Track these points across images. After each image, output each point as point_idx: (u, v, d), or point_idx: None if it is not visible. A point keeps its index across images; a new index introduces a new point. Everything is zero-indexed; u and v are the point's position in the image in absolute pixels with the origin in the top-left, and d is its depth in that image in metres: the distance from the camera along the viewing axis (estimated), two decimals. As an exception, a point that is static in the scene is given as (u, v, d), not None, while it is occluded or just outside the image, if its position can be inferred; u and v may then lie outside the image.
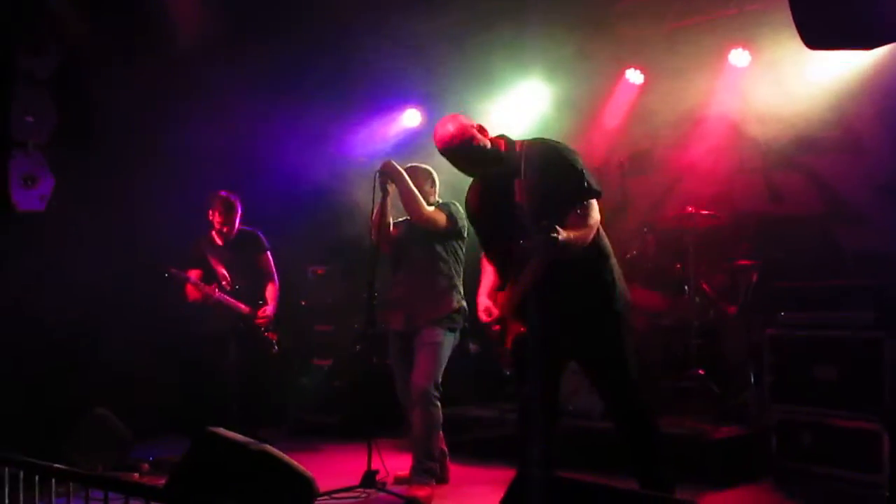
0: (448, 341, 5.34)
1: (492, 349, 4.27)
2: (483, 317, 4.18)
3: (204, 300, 6.20)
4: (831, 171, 6.95)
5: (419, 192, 5.31)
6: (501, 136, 4.23)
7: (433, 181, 5.56)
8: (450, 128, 4.14)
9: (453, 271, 5.46)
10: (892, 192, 6.43)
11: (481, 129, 4.17)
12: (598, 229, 4.02)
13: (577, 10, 7.25)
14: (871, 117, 6.63)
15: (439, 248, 5.42)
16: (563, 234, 3.64)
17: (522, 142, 4.16)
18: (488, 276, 4.31)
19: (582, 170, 3.95)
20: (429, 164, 5.56)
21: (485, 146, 4.13)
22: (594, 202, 3.96)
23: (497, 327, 4.11)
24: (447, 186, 5.63)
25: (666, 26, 7.49)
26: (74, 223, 6.67)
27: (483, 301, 4.22)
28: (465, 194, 4.48)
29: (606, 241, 4.14)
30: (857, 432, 4.97)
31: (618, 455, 4.16)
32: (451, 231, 5.39)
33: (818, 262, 6.64)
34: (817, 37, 3.07)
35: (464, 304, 5.44)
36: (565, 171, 3.94)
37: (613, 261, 4.13)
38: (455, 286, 5.45)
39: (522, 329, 3.98)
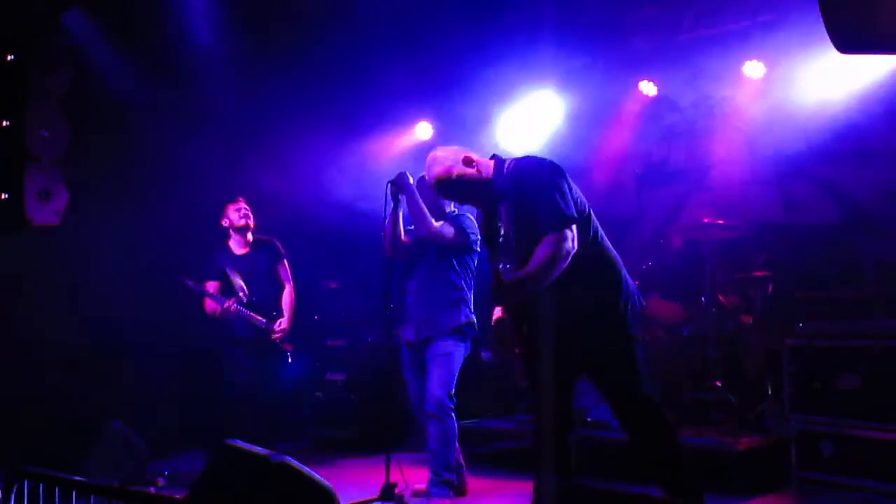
0: (460, 351, 5.31)
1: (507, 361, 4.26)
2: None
3: (222, 313, 6.17)
4: (846, 179, 6.93)
5: (432, 203, 5.29)
6: (493, 157, 4.16)
7: None
8: (432, 167, 4.17)
9: (463, 283, 5.40)
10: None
11: (467, 160, 4.09)
12: (601, 244, 3.95)
13: (590, 21, 7.26)
14: (884, 125, 6.61)
15: (449, 260, 5.37)
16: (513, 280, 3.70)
17: (512, 162, 4.06)
18: None
19: (556, 197, 3.76)
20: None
21: (468, 179, 4.08)
22: (567, 232, 3.74)
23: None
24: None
25: (679, 37, 7.48)
26: (91, 237, 6.69)
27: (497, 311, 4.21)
28: None
29: (610, 255, 4.00)
30: (881, 442, 4.91)
31: (640, 465, 4.11)
32: (460, 244, 5.34)
33: (836, 271, 6.61)
34: (849, 41, 3.02)
35: (473, 317, 5.39)
36: (541, 198, 3.79)
37: (621, 274, 3.97)
38: (464, 298, 5.39)
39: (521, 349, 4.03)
